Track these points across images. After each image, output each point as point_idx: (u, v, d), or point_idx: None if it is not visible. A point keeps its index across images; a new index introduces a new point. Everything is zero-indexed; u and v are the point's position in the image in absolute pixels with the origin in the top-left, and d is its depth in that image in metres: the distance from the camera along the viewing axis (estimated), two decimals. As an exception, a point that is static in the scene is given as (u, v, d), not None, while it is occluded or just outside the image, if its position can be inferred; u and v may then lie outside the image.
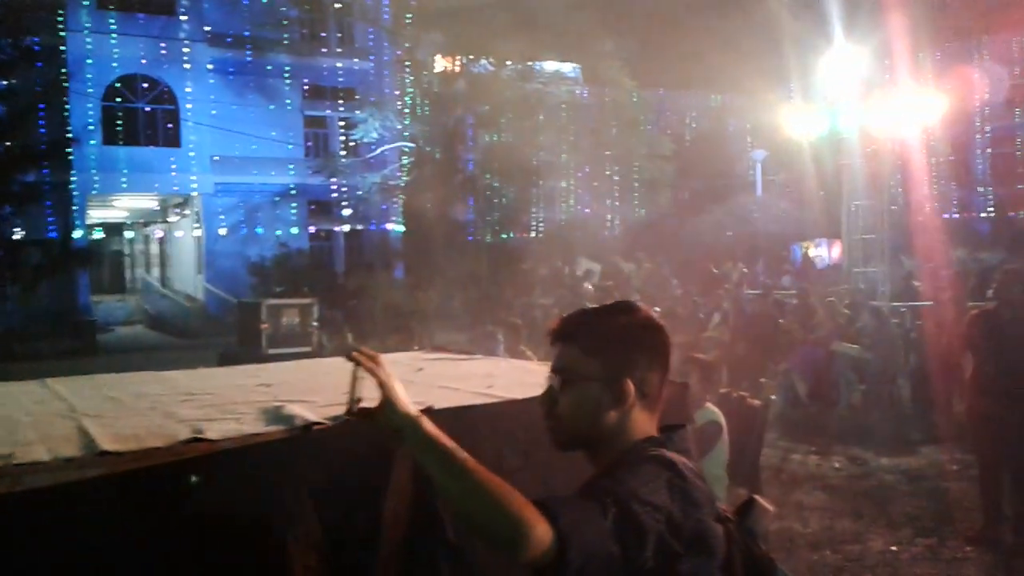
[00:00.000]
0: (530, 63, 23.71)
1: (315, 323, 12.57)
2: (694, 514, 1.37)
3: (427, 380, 3.01)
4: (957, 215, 37.43)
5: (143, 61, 24.81)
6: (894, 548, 5.51)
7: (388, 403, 1.43)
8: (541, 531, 1.22)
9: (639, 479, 1.35)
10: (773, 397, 7.09)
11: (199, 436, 1.97)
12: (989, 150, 41.05)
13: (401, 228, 26.30)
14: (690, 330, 11.90)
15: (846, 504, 6.50)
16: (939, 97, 19.30)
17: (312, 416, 2.12)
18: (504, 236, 25.51)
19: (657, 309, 12.85)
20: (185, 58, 25.16)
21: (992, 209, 38.88)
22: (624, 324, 1.53)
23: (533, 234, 27.57)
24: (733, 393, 5.94)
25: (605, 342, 1.51)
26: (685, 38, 25.34)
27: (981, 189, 39.80)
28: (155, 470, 1.83)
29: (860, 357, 10.06)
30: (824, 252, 27.38)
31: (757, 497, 1.55)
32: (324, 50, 26.77)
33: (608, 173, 26.75)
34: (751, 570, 1.47)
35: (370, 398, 1.48)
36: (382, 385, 1.44)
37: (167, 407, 2.43)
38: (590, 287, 16.34)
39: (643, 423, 1.51)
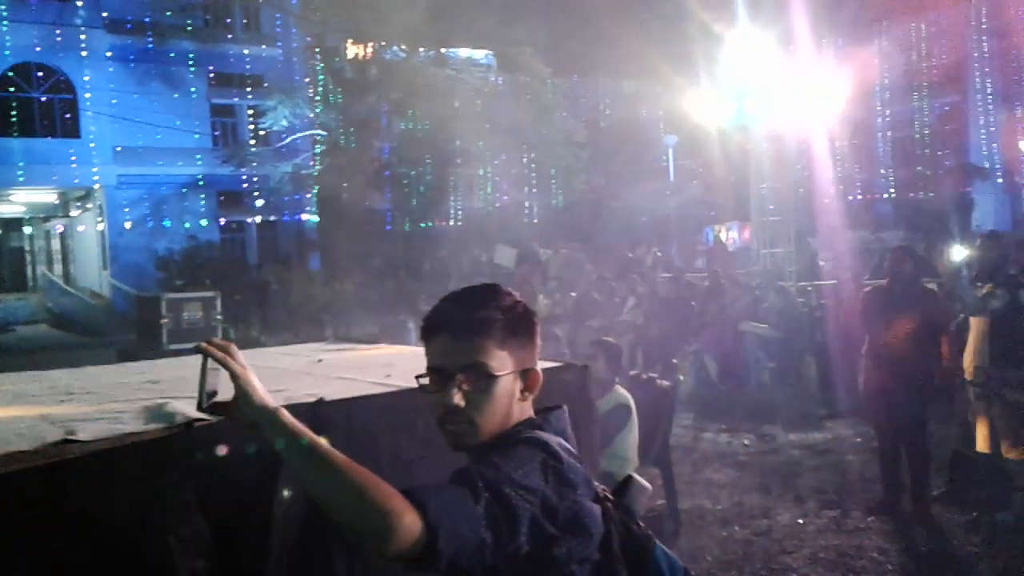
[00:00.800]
0: (443, 50, 23.53)
1: (219, 316, 12.29)
2: (570, 495, 1.35)
3: (324, 371, 2.94)
4: (860, 197, 38.81)
5: (37, 49, 23.70)
6: (800, 521, 5.68)
7: (243, 395, 1.36)
8: (409, 520, 1.19)
9: (513, 462, 1.32)
10: (681, 377, 7.21)
11: (71, 437, 1.87)
12: (889, 133, 42.68)
13: (316, 218, 25.85)
14: (606, 313, 12.03)
15: (755, 480, 6.67)
16: (841, 82, 19.94)
17: (195, 412, 2.04)
18: (423, 225, 25.33)
19: (573, 293, 12.98)
20: (83, 45, 24.14)
21: (893, 190, 40.46)
22: (519, 308, 1.49)
23: (452, 222, 27.46)
24: (643, 375, 6.02)
25: (512, 330, 1.46)
26: (597, 25, 25.54)
27: (883, 171, 41.37)
28: (21, 475, 1.73)
29: (767, 336, 10.34)
30: (735, 235, 28.08)
31: (634, 475, 1.55)
32: (230, 36, 26.03)
33: (525, 160, 26.80)
34: (629, 548, 1.46)
35: (227, 391, 1.41)
36: (235, 377, 1.37)
37: (43, 407, 2.31)
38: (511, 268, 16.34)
39: (525, 408, 1.49)
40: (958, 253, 5.78)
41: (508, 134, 24.20)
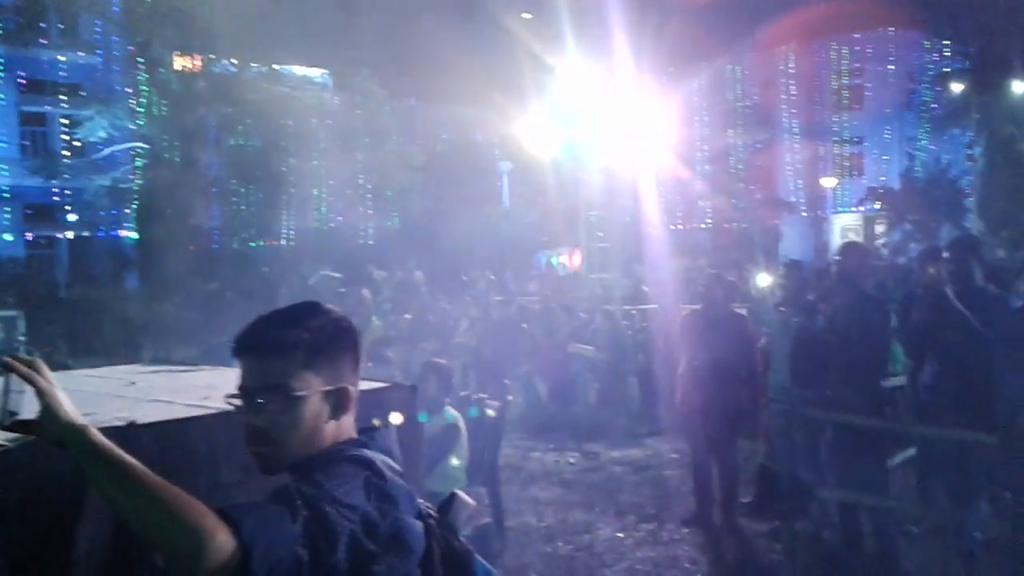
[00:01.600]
0: (276, 66, 23.02)
1: (22, 337, 11.43)
2: (392, 512, 1.37)
3: (138, 394, 2.82)
4: (681, 226, 41.04)
5: None
6: (620, 535, 5.92)
7: (49, 412, 1.30)
8: (222, 540, 1.17)
9: (334, 480, 1.34)
10: (510, 398, 7.35)
11: None
12: (707, 167, 45.40)
13: (135, 235, 24.48)
14: (440, 336, 12.09)
15: (579, 497, 6.89)
16: (665, 116, 21.06)
17: (-10, 438, 1.91)
18: (252, 244, 24.54)
19: (407, 316, 12.95)
20: None
21: (710, 221, 43.06)
22: (330, 327, 1.49)
23: (284, 242, 26.78)
24: (473, 396, 6.11)
25: (319, 349, 1.45)
26: (435, 51, 25.79)
27: (701, 203, 43.90)
28: None
29: (594, 358, 10.72)
30: (567, 260, 28.91)
31: (458, 492, 1.59)
32: (44, 42, 24.37)
33: (361, 181, 26.58)
34: (450, 564, 1.50)
35: (32, 410, 1.35)
36: (42, 393, 1.31)
37: None
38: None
39: (345, 426, 1.50)
40: (763, 280, 6.27)
41: (343, 154, 23.93)
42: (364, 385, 1.70)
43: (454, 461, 4.91)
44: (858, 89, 42.48)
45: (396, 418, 2.63)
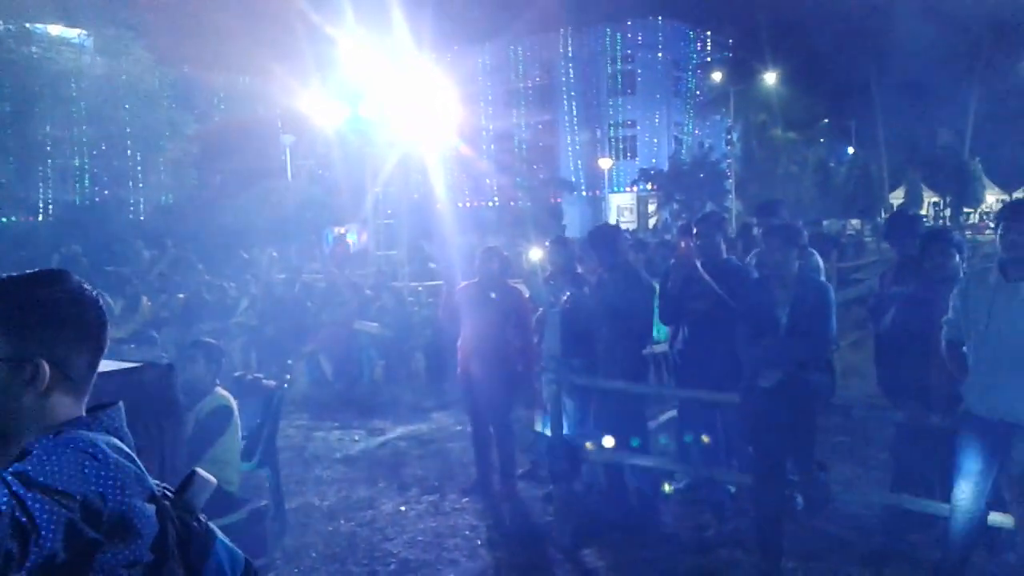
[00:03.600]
0: (28, 25, 20.90)
1: None
2: (117, 496, 1.30)
3: None
4: (469, 203, 41.67)
5: None
6: (403, 508, 5.98)
7: None
8: None
9: (50, 465, 1.25)
10: (288, 376, 7.20)
11: None
12: (493, 146, 46.36)
13: None
14: (218, 316, 11.57)
15: (362, 474, 6.87)
16: (451, 94, 21.22)
17: None
18: (3, 219, 22.29)
19: (181, 295, 12.28)
20: None
21: (496, 199, 44.05)
22: (44, 297, 1.39)
23: (41, 217, 24.52)
24: (248, 375, 5.92)
25: (13, 317, 1.36)
26: (210, 17, 24.45)
27: (488, 181, 44.82)
28: None
29: (380, 334, 10.69)
30: (355, 237, 28.56)
31: (198, 470, 1.54)
32: None
33: (129, 152, 24.77)
34: (187, 545, 1.45)
35: None
36: None
37: None
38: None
39: (66, 406, 1.41)
40: (535, 254, 6.54)
41: (108, 122, 22.20)
42: (111, 365, 1.60)
43: (227, 444, 4.75)
44: (631, 75, 44.92)
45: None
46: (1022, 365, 3.77)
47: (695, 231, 5.43)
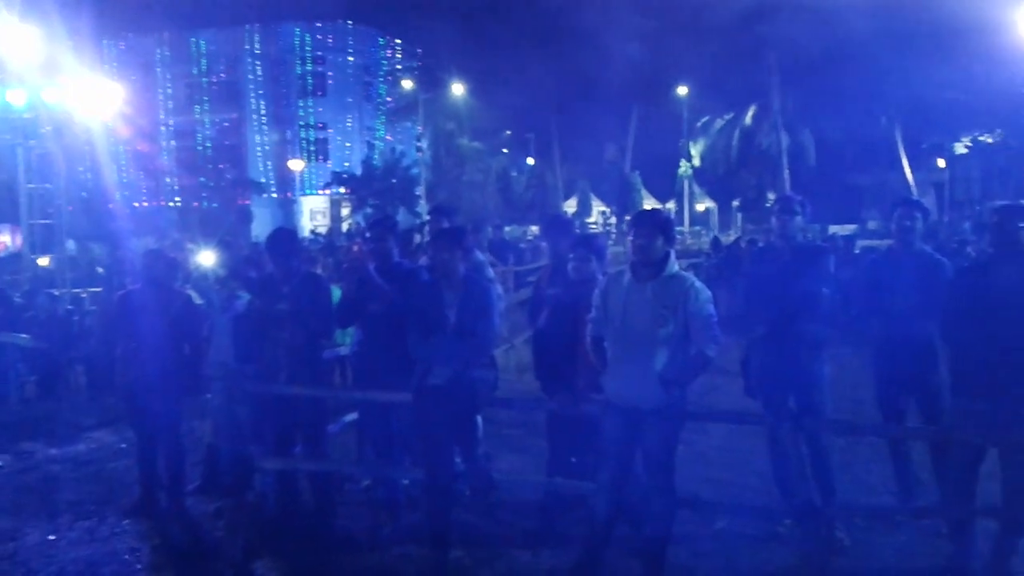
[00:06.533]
0: None
1: None
2: None
3: None
4: (147, 203, 38.75)
5: None
6: (52, 537, 5.42)
7: None
8: None
9: None
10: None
11: None
12: (174, 143, 43.50)
13: None
14: None
15: (6, 501, 6.14)
16: (119, 86, 19.58)
17: None
18: None
19: None
20: None
21: (179, 199, 41.37)
22: None
23: None
24: None
25: None
26: None
27: (168, 180, 41.95)
28: None
29: (30, 346, 9.61)
30: (7, 238, 25.41)
31: None
32: None
33: None
34: None
35: None
36: None
37: None
38: None
39: None
40: (206, 258, 6.22)
41: None
42: None
43: None
44: (322, 77, 44.34)
45: None
46: (648, 357, 4.25)
47: (367, 235, 5.49)
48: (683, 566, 4.70)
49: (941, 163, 42.33)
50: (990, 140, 38.86)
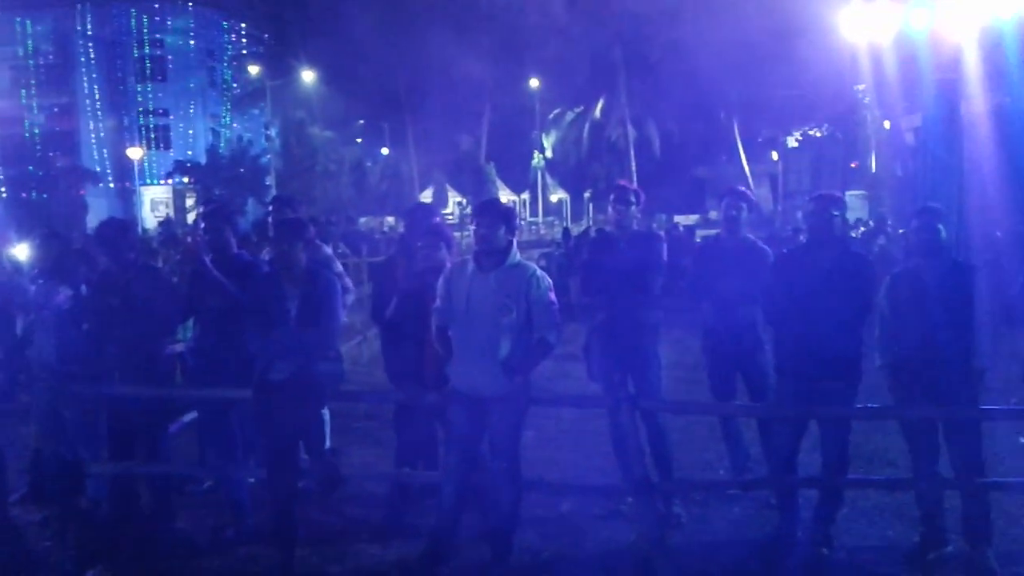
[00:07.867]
0: None
1: None
2: None
3: None
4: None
5: None
6: None
7: None
8: None
9: None
10: None
11: None
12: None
13: None
14: None
15: None
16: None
17: None
18: None
19: None
20: None
21: (4, 190, 38.42)
22: None
23: None
24: None
25: None
26: None
27: (-5, 170, 38.93)
28: None
29: None
30: None
31: None
32: None
33: None
34: None
35: None
36: None
37: None
38: None
39: None
40: (19, 252, 5.80)
41: None
42: None
43: None
44: (161, 60, 42.20)
45: None
46: (492, 345, 4.31)
47: (202, 226, 5.27)
48: (530, 548, 4.80)
49: (775, 155, 44.93)
50: (819, 134, 41.50)
